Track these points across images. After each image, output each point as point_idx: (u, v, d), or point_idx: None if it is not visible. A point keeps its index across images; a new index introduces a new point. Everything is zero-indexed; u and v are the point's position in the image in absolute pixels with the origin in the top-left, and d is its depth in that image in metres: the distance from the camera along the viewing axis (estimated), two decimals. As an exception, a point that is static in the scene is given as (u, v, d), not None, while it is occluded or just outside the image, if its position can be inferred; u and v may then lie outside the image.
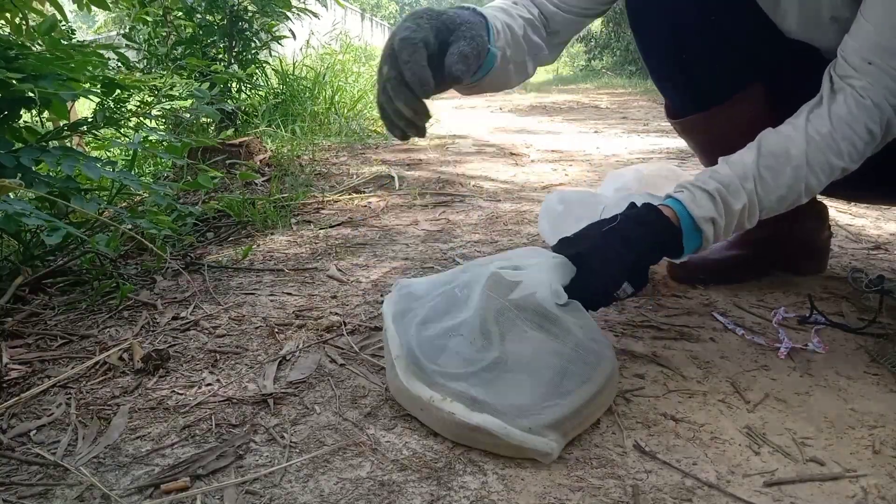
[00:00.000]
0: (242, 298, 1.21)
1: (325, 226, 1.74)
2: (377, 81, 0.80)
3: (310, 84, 3.83)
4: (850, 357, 0.95)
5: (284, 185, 2.16)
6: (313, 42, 4.95)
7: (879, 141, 0.89)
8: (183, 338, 1.05)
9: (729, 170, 0.90)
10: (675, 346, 0.99)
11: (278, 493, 0.67)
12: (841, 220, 1.70)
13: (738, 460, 0.71)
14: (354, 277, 1.33)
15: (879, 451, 0.72)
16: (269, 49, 3.42)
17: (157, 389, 0.88)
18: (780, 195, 0.89)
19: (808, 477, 0.68)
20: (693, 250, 0.92)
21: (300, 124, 3.36)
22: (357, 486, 0.67)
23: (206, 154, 2.22)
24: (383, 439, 0.76)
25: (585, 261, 0.86)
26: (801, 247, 1.26)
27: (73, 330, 1.08)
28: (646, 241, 0.88)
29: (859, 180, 0.95)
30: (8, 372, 0.92)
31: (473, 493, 0.66)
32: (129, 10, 2.81)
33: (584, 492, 0.66)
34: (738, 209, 0.89)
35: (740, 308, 1.14)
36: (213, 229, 1.71)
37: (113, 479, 0.69)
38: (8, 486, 0.68)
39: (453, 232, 1.66)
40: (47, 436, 0.78)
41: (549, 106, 6.19)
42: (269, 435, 0.77)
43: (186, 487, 0.67)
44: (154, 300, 1.20)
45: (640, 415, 0.80)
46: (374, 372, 0.92)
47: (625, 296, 0.89)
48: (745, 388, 0.87)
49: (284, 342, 1.02)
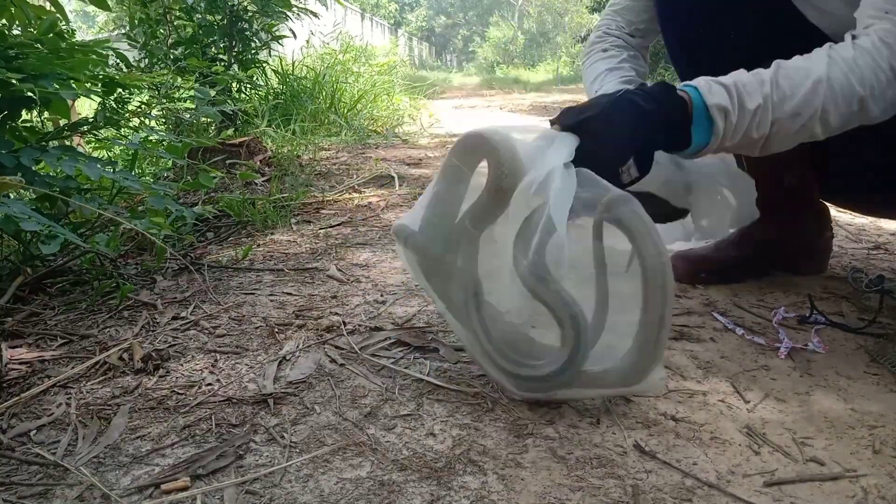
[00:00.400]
0: (242, 298, 1.21)
1: (325, 225, 1.74)
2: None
3: (310, 84, 3.83)
4: (850, 357, 0.95)
5: (284, 185, 2.16)
6: (314, 42, 4.95)
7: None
8: (183, 338, 1.05)
9: (745, 73, 0.85)
10: (675, 346, 0.99)
11: (278, 493, 0.67)
12: (841, 219, 1.70)
13: (738, 460, 0.71)
14: (354, 277, 1.33)
15: (879, 451, 0.72)
16: (269, 49, 3.42)
17: (157, 389, 0.88)
18: (795, 108, 0.83)
19: (808, 477, 0.68)
20: (699, 147, 0.85)
21: (300, 124, 3.36)
22: (357, 486, 0.67)
23: (206, 154, 2.22)
24: (383, 439, 0.76)
25: (591, 126, 0.79)
26: (802, 247, 1.26)
27: (73, 330, 1.08)
28: (657, 116, 0.81)
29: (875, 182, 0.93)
30: (8, 372, 0.92)
31: (473, 493, 0.66)
32: (129, 10, 2.81)
33: (584, 492, 0.66)
34: (751, 108, 0.83)
35: (740, 308, 1.13)
36: (213, 229, 1.71)
37: (113, 479, 0.69)
38: (8, 486, 0.68)
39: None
40: (47, 436, 0.78)
41: (549, 105, 6.18)
42: (269, 435, 0.77)
43: (186, 487, 0.67)
44: (154, 300, 1.20)
45: (640, 415, 0.80)
46: (374, 372, 0.92)
47: (628, 179, 0.81)
48: (745, 388, 0.87)
49: (284, 342, 1.02)
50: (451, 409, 0.82)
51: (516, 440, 0.75)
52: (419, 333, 1.04)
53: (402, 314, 1.13)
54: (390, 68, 5.60)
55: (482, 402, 0.84)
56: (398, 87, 5.23)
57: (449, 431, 0.77)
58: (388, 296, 1.22)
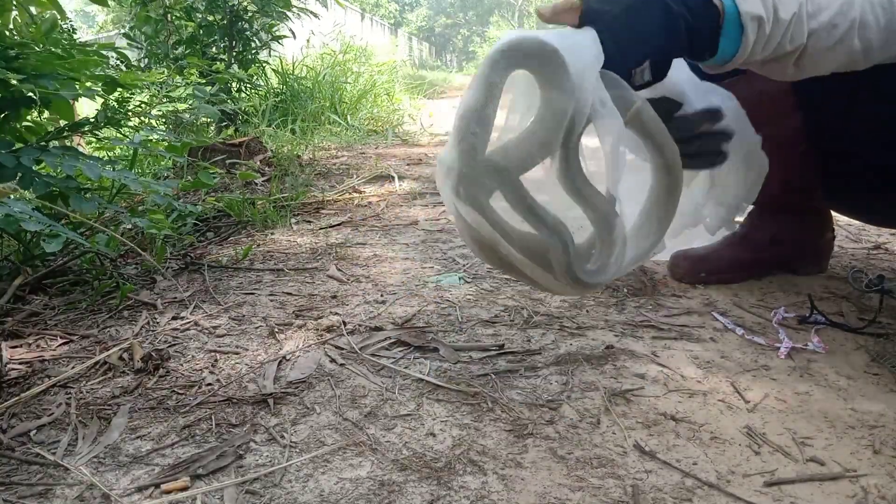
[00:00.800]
0: (242, 298, 1.21)
1: (325, 225, 1.74)
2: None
3: (310, 84, 3.83)
4: (850, 357, 0.95)
5: (284, 185, 2.16)
6: (314, 42, 4.95)
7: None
8: (183, 338, 1.05)
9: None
10: (675, 346, 0.99)
11: (278, 492, 0.67)
12: (841, 220, 1.70)
13: (738, 460, 0.71)
14: (354, 277, 1.33)
15: (879, 450, 0.72)
16: (270, 49, 3.43)
17: (157, 389, 0.88)
18: (832, 19, 0.77)
19: (808, 477, 0.68)
20: (725, 57, 0.79)
21: (300, 124, 3.36)
22: (357, 486, 0.67)
23: (207, 154, 2.22)
24: (383, 439, 0.76)
25: (612, 21, 0.74)
26: (803, 248, 1.26)
27: (73, 330, 1.08)
28: (683, 20, 0.75)
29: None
30: (8, 372, 0.92)
31: (473, 493, 0.66)
32: (130, 10, 2.81)
33: (584, 492, 0.66)
34: (785, 18, 0.77)
35: (740, 308, 1.13)
36: (213, 229, 1.71)
37: (113, 479, 0.69)
38: (8, 486, 0.68)
39: (453, 231, 1.66)
40: (47, 435, 0.78)
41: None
42: (269, 435, 0.77)
43: (186, 487, 0.67)
44: (154, 300, 1.20)
45: (640, 415, 0.80)
46: (374, 372, 0.92)
47: (640, 81, 0.77)
48: (745, 388, 0.87)
49: (284, 342, 1.02)
50: (450, 409, 0.82)
51: (516, 440, 0.75)
52: (419, 333, 1.04)
53: (402, 314, 1.13)
54: (390, 68, 5.60)
55: (482, 402, 0.84)
56: (398, 87, 5.23)
57: (449, 431, 0.77)
58: (388, 296, 1.22)
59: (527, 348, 0.99)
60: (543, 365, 0.93)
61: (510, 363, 0.94)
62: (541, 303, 1.17)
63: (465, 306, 1.16)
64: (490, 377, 0.90)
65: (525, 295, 1.21)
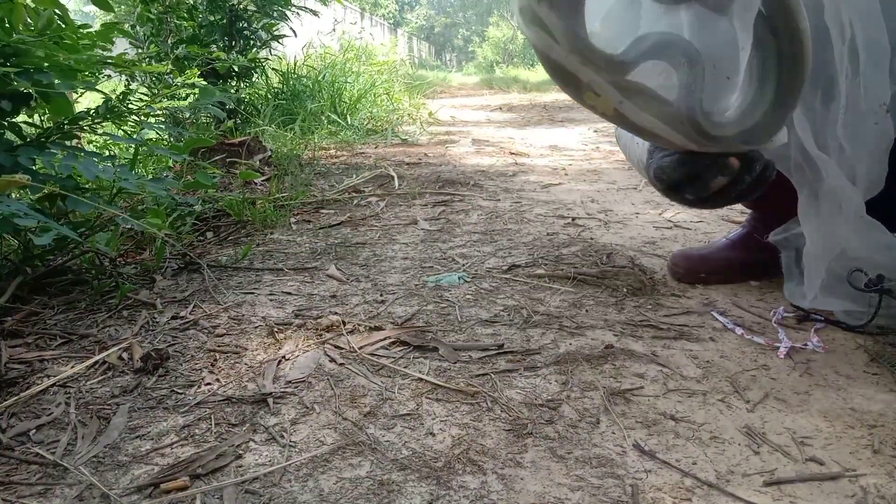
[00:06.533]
0: (242, 298, 1.21)
1: (325, 225, 1.74)
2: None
3: (310, 83, 3.83)
4: (849, 356, 0.95)
5: (284, 185, 2.16)
6: (315, 42, 4.95)
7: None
8: (182, 337, 1.05)
9: None
10: (675, 346, 0.99)
11: (278, 492, 0.67)
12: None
13: (737, 460, 0.71)
14: (354, 277, 1.33)
15: (879, 450, 0.72)
16: (270, 48, 3.43)
17: (157, 389, 0.88)
18: None
19: (808, 476, 0.68)
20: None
21: (300, 124, 3.36)
22: (356, 486, 0.67)
23: (207, 153, 2.22)
24: (382, 439, 0.76)
25: None
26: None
27: (73, 329, 1.08)
28: None
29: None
30: (8, 371, 0.92)
31: (473, 493, 0.66)
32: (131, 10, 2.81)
33: (584, 491, 0.66)
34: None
35: (740, 308, 1.13)
36: (212, 229, 1.71)
37: (112, 479, 0.69)
38: (8, 486, 0.68)
39: (453, 231, 1.66)
40: (47, 435, 0.78)
41: (549, 105, 6.18)
42: (268, 434, 0.77)
43: (186, 487, 0.67)
44: (153, 299, 1.20)
45: (639, 414, 0.80)
46: (373, 372, 0.92)
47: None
48: (745, 387, 0.87)
49: (284, 341, 1.02)
50: (450, 408, 0.82)
51: (516, 440, 0.75)
52: (419, 333, 1.04)
53: (401, 314, 1.13)
54: (390, 68, 5.60)
55: (481, 401, 0.84)
56: (398, 87, 5.22)
57: (448, 431, 0.77)
58: (387, 295, 1.22)
59: (526, 348, 0.99)
60: (543, 364, 0.93)
61: (510, 363, 0.94)
62: (540, 302, 1.17)
63: (464, 306, 1.16)
64: (489, 377, 0.90)
65: (525, 295, 1.21)
